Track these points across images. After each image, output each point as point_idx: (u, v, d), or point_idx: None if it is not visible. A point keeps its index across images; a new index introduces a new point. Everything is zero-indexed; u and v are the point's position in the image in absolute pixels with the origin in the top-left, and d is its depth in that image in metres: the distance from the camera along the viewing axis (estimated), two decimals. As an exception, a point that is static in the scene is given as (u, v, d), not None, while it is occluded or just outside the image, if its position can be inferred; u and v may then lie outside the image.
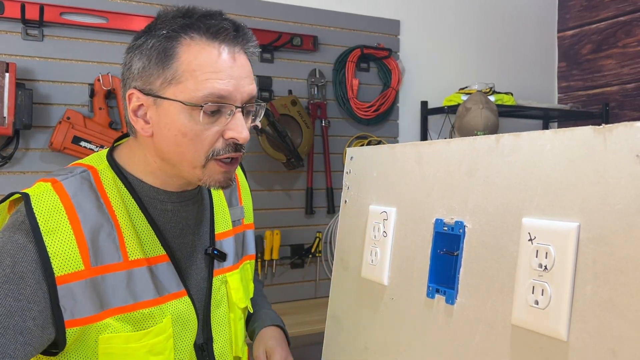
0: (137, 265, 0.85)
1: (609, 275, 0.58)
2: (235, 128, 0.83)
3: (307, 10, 2.24)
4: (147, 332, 0.84)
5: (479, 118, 2.08)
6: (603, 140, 0.61)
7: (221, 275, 0.98)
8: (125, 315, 0.82)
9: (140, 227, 0.88)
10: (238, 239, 1.06)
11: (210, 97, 0.81)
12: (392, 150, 0.96)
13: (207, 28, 0.82)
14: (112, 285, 0.82)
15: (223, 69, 0.82)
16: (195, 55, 0.81)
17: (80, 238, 0.80)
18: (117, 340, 0.82)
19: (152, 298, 0.85)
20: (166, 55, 0.81)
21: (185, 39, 0.82)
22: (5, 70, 1.65)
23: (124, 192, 0.88)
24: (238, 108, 0.83)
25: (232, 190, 1.08)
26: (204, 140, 0.83)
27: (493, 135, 0.76)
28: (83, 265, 0.79)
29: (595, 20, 2.75)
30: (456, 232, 0.79)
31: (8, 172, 1.76)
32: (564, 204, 0.64)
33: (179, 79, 0.81)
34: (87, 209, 0.82)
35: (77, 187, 0.84)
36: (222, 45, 0.83)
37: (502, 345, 0.70)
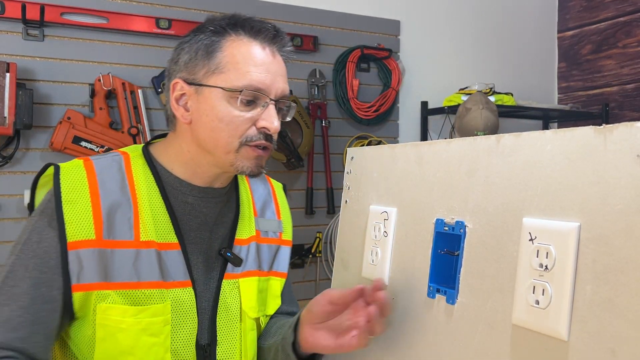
0: (146, 247, 0.89)
1: (609, 275, 0.59)
2: (268, 118, 0.90)
3: (307, 11, 2.24)
4: (144, 309, 0.87)
5: (479, 118, 2.08)
6: (603, 141, 0.61)
7: (233, 279, 0.98)
8: (126, 292, 0.87)
9: (158, 212, 0.93)
10: (269, 250, 1.06)
11: (249, 87, 0.88)
12: (392, 151, 0.96)
13: (250, 27, 0.92)
14: (120, 260, 0.87)
15: (263, 63, 0.90)
16: (239, 49, 0.90)
17: (97, 211, 0.87)
18: (114, 311, 0.86)
19: (155, 280, 0.89)
20: (212, 47, 0.90)
21: (230, 34, 0.91)
22: (5, 70, 1.65)
23: (149, 179, 0.94)
24: (272, 101, 0.91)
25: (266, 202, 1.10)
26: (239, 126, 0.90)
27: (493, 136, 0.76)
28: (94, 235, 0.86)
29: (595, 20, 2.75)
30: (457, 232, 0.79)
31: (8, 172, 1.76)
32: (565, 204, 0.64)
33: (222, 69, 0.89)
34: (110, 187, 0.90)
35: (105, 167, 0.92)
36: (263, 42, 0.92)
37: (503, 345, 0.70)
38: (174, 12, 1.99)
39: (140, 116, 1.90)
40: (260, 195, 1.10)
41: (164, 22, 1.96)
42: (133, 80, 1.91)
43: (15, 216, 1.76)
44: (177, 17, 1.99)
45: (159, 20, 1.95)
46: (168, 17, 1.97)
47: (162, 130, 1.99)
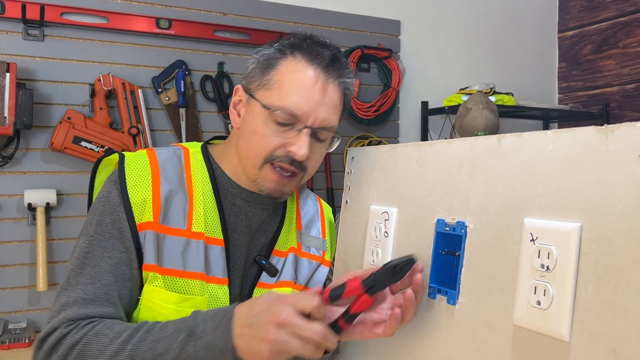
0: (196, 238, 0.92)
1: (611, 276, 0.58)
2: (296, 143, 0.90)
3: (308, 11, 2.24)
4: (187, 298, 0.89)
5: (480, 118, 2.08)
6: (605, 141, 0.61)
7: (266, 289, 0.99)
8: (171, 278, 0.89)
9: (209, 207, 0.95)
10: (309, 265, 1.06)
11: (285, 109, 0.89)
12: (393, 151, 0.96)
13: (309, 51, 0.92)
14: (170, 246, 0.90)
15: (306, 88, 0.90)
16: (290, 71, 0.91)
17: (156, 196, 0.91)
18: (159, 295, 0.88)
19: (199, 272, 0.91)
20: (269, 64, 0.93)
21: (289, 55, 0.93)
22: (6, 70, 1.65)
23: (205, 175, 0.98)
24: (307, 128, 0.90)
25: (313, 219, 1.11)
26: (268, 144, 0.91)
27: (494, 136, 0.76)
28: (152, 217, 0.90)
29: (595, 20, 2.75)
30: (458, 232, 0.79)
31: (9, 172, 1.76)
32: (566, 205, 0.64)
33: (270, 86, 0.92)
34: (170, 175, 0.94)
35: (167, 157, 0.97)
36: (317, 70, 0.91)
37: (504, 346, 0.70)
38: (174, 12, 1.99)
39: (140, 116, 1.90)
40: (308, 211, 1.11)
41: (164, 22, 1.95)
42: (133, 80, 1.91)
43: (15, 216, 1.76)
44: (177, 17, 1.98)
45: (159, 20, 1.95)
46: (168, 17, 1.96)
47: (162, 130, 1.99)
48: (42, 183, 1.79)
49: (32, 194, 1.75)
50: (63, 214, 1.82)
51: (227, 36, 2.07)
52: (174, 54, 1.99)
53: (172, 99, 1.97)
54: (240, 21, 2.11)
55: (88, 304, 0.85)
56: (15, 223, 1.76)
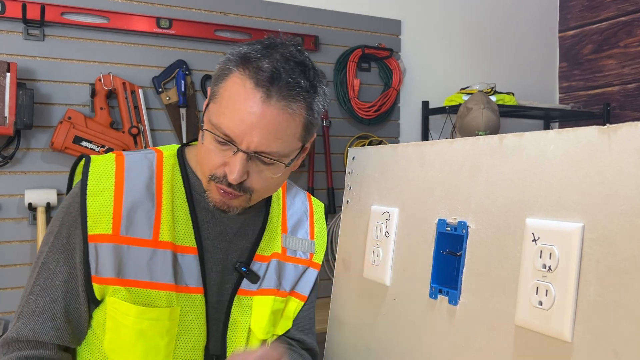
0: (163, 247, 0.89)
1: (613, 276, 0.58)
2: (230, 166, 0.84)
3: (308, 10, 2.23)
4: (147, 310, 0.87)
5: (480, 118, 2.08)
6: (607, 141, 0.60)
7: (247, 296, 0.96)
8: (136, 290, 0.87)
9: (180, 214, 0.92)
10: (294, 270, 1.02)
11: (218, 128, 0.83)
12: (394, 151, 0.95)
13: (254, 66, 0.82)
14: (136, 258, 0.87)
15: (241, 110, 0.82)
16: (232, 86, 0.84)
17: (117, 206, 0.88)
18: (119, 307, 0.87)
19: (167, 282, 0.89)
20: (222, 73, 0.86)
21: (237, 68, 0.84)
22: (6, 70, 1.65)
23: (177, 180, 0.94)
24: (239, 151, 0.83)
25: (300, 220, 1.06)
26: (210, 162, 0.87)
27: (496, 136, 0.75)
28: (111, 230, 0.87)
29: (596, 20, 2.75)
30: (459, 232, 0.79)
31: (9, 172, 1.76)
32: (568, 205, 0.64)
33: (216, 98, 0.86)
34: (136, 184, 0.90)
35: (136, 163, 0.92)
36: (257, 88, 0.81)
37: (505, 346, 0.69)
38: (174, 11, 1.99)
39: (140, 116, 1.90)
40: (295, 211, 1.06)
41: (164, 21, 1.95)
42: (134, 80, 1.91)
43: (15, 216, 1.76)
44: (178, 16, 1.98)
45: (159, 20, 1.94)
46: (169, 17, 1.96)
47: (162, 130, 1.98)
48: (42, 183, 1.79)
49: (33, 193, 1.75)
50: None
51: (227, 36, 2.07)
52: (174, 54, 1.98)
53: (173, 99, 1.97)
54: (240, 21, 2.10)
55: (36, 317, 0.86)
56: (15, 223, 1.76)
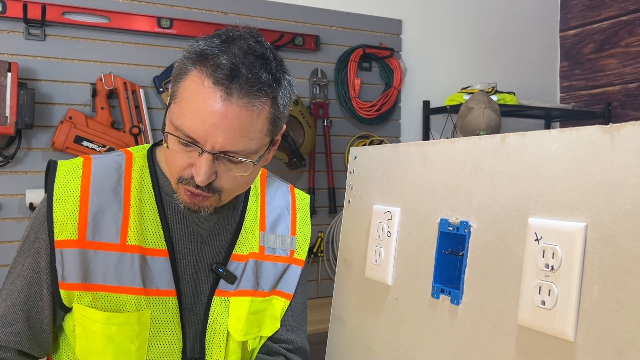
0: (130, 251, 0.88)
1: (616, 276, 0.58)
2: (196, 167, 0.81)
3: (309, 10, 2.23)
4: (113, 316, 0.86)
5: (481, 118, 2.08)
6: (610, 140, 0.60)
7: (225, 297, 0.94)
8: (103, 295, 0.86)
9: (149, 217, 0.90)
10: (274, 268, 0.99)
11: (180, 129, 0.80)
12: (396, 150, 0.95)
13: (212, 62, 0.78)
14: (103, 262, 0.86)
15: (201, 110, 0.78)
16: (190, 85, 0.79)
17: (83, 211, 0.86)
18: (87, 313, 0.86)
19: (135, 286, 0.87)
20: (180, 72, 0.82)
21: (195, 66, 0.79)
22: (7, 70, 1.65)
23: (146, 181, 0.92)
24: (204, 152, 0.80)
25: (280, 216, 1.02)
26: (176, 163, 0.84)
27: (498, 135, 0.75)
28: (77, 235, 0.86)
29: (597, 19, 2.74)
30: (461, 232, 0.79)
31: (10, 172, 1.76)
32: (571, 204, 0.64)
33: (175, 99, 0.82)
34: (102, 188, 0.88)
35: (103, 167, 0.90)
36: (216, 86, 0.77)
37: (508, 346, 0.69)
38: (175, 11, 1.99)
39: (141, 116, 1.90)
40: (274, 208, 1.02)
41: (165, 21, 1.95)
42: (134, 79, 1.91)
43: (16, 216, 1.76)
44: (179, 16, 1.98)
45: (160, 20, 1.95)
46: (170, 17, 1.96)
47: (163, 129, 1.98)
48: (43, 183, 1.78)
49: (34, 193, 1.75)
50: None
51: (228, 35, 2.07)
52: (175, 54, 1.98)
53: (174, 99, 1.96)
54: (241, 21, 2.10)
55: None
56: (16, 223, 1.76)
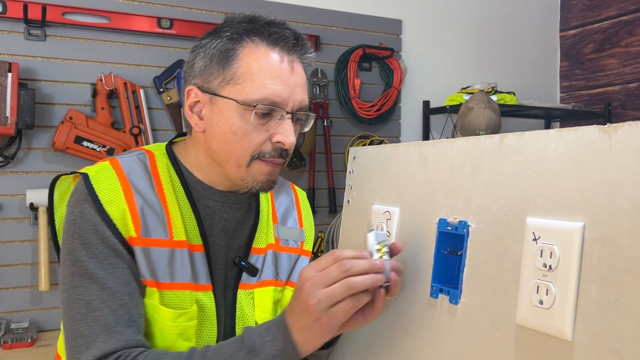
0: (179, 247, 0.88)
1: (614, 275, 0.58)
2: (283, 132, 0.86)
3: (309, 10, 2.23)
4: (181, 313, 0.86)
5: (481, 117, 2.08)
6: (608, 140, 0.60)
7: (249, 290, 0.96)
8: (163, 292, 0.86)
9: (186, 213, 0.91)
10: (289, 259, 1.02)
11: (264, 100, 0.84)
12: (395, 150, 0.95)
13: (269, 34, 0.87)
14: (159, 259, 0.86)
15: (280, 74, 0.85)
16: (255, 59, 0.85)
17: (132, 209, 0.85)
18: (157, 311, 0.85)
19: (187, 282, 0.88)
20: (227, 56, 0.86)
21: (247, 42, 0.86)
22: (7, 70, 1.65)
23: (174, 179, 0.93)
24: (288, 114, 0.87)
25: (288, 210, 1.06)
26: (252, 141, 0.86)
27: (497, 135, 0.75)
28: (135, 233, 0.85)
29: (597, 19, 2.74)
30: (460, 231, 0.79)
31: (10, 172, 1.76)
32: (569, 204, 0.64)
33: (237, 80, 0.85)
34: (140, 186, 0.88)
35: (133, 166, 0.90)
36: (281, 52, 0.86)
37: (507, 345, 0.69)
38: (175, 11, 1.99)
39: (142, 116, 1.90)
40: (282, 202, 1.07)
41: (165, 21, 1.95)
42: (135, 80, 1.91)
43: (17, 216, 1.76)
44: (179, 16, 1.98)
45: (160, 20, 1.95)
46: (170, 17, 1.96)
47: (163, 130, 1.98)
48: (44, 183, 1.79)
49: (34, 193, 1.75)
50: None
51: (228, 36, 2.07)
52: (175, 54, 1.99)
53: (174, 99, 1.97)
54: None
55: (112, 330, 0.80)
56: (17, 223, 1.76)
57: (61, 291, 0.84)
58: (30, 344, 1.59)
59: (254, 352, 0.77)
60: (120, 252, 0.84)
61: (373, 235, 0.79)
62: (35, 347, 1.60)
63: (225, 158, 0.89)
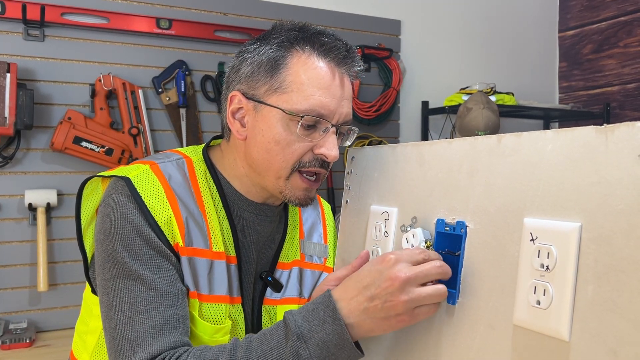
0: (218, 258, 0.86)
1: (611, 276, 0.58)
2: (327, 145, 0.85)
3: (308, 10, 2.24)
4: (219, 328, 0.84)
5: (480, 118, 2.08)
6: (604, 140, 0.61)
7: (272, 305, 0.94)
8: (202, 304, 0.83)
9: (223, 223, 0.89)
10: (312, 276, 1.00)
11: (311, 112, 0.82)
12: (393, 151, 0.96)
13: (320, 44, 0.84)
14: (200, 270, 0.84)
15: (329, 86, 0.84)
16: (305, 68, 0.83)
17: (178, 217, 0.83)
18: (196, 324, 0.83)
19: (224, 294, 0.85)
20: (276, 63, 0.84)
21: (297, 50, 0.84)
22: (6, 71, 1.65)
23: (212, 187, 0.90)
24: (333, 127, 0.85)
25: (314, 224, 1.05)
26: (295, 151, 0.84)
27: (494, 136, 0.75)
28: (181, 241, 0.82)
29: (596, 20, 2.75)
30: (458, 232, 0.79)
31: (9, 172, 1.76)
32: (566, 204, 0.64)
33: (285, 88, 0.83)
34: (181, 192, 0.85)
35: (173, 172, 0.87)
36: (332, 63, 0.85)
37: (504, 346, 0.70)
38: (174, 12, 1.99)
39: (140, 116, 1.90)
40: (309, 216, 1.05)
41: (164, 22, 1.96)
42: (133, 80, 1.91)
43: (16, 216, 1.76)
44: (178, 17, 1.99)
45: (159, 20, 1.95)
46: (168, 17, 1.96)
47: (162, 130, 1.99)
48: (42, 183, 1.79)
49: (33, 194, 1.75)
50: (63, 214, 1.82)
51: (227, 36, 2.07)
52: (174, 54, 1.99)
53: (173, 99, 1.97)
54: (240, 21, 2.11)
55: (159, 333, 0.76)
56: (15, 223, 1.76)
57: (101, 294, 0.81)
58: (29, 345, 1.59)
59: (303, 338, 0.72)
60: (165, 253, 0.81)
61: (421, 232, 0.80)
62: (34, 347, 1.60)
63: (265, 168, 0.87)
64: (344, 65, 0.87)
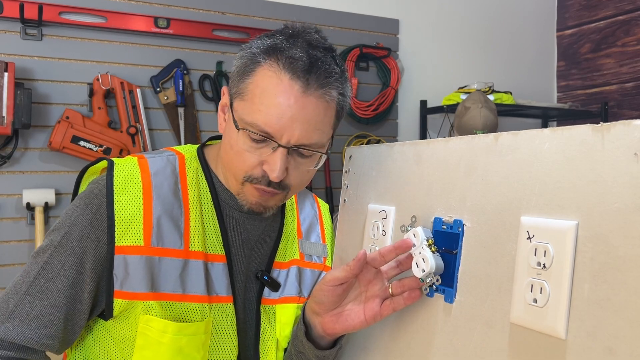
0: (194, 257, 0.85)
1: (607, 274, 0.59)
2: (270, 163, 0.81)
3: (306, 9, 2.24)
4: (185, 326, 0.82)
5: (478, 117, 2.08)
6: (601, 139, 0.61)
7: (270, 305, 0.94)
8: (169, 303, 0.82)
9: (209, 221, 0.89)
10: (312, 275, 1.00)
11: (253, 126, 0.80)
12: (391, 150, 0.96)
13: (286, 56, 0.80)
14: (167, 270, 0.83)
15: (277, 104, 0.79)
16: (265, 80, 0.80)
17: (147, 215, 0.82)
18: (156, 324, 0.81)
19: (200, 294, 0.85)
20: (246, 69, 0.83)
21: (265, 60, 0.81)
22: (4, 70, 1.65)
23: (202, 184, 0.90)
24: (281, 147, 0.80)
25: (312, 224, 1.04)
26: (244, 162, 0.83)
27: (491, 134, 0.76)
28: (143, 241, 0.81)
29: (594, 19, 2.75)
30: (455, 230, 0.79)
31: (7, 172, 1.76)
32: (562, 203, 0.64)
33: (244, 96, 0.82)
34: (163, 190, 0.85)
35: (160, 167, 0.87)
36: (292, 79, 0.79)
37: (501, 344, 0.70)
38: (172, 11, 1.99)
39: (138, 115, 1.90)
40: (307, 215, 1.05)
41: (162, 21, 1.95)
42: (131, 79, 1.91)
43: (13, 216, 1.76)
44: (176, 16, 1.99)
45: (157, 20, 1.95)
46: (166, 17, 1.96)
47: (160, 129, 1.98)
48: (40, 183, 1.79)
49: (31, 193, 1.75)
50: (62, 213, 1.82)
51: (225, 35, 2.07)
52: (172, 53, 1.99)
53: (171, 98, 1.97)
54: (238, 20, 2.11)
55: (30, 321, 0.78)
56: (13, 223, 1.76)
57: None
58: (27, 344, 1.59)
59: None
60: (87, 253, 0.81)
61: (422, 231, 0.81)
62: (32, 346, 1.60)
63: (227, 167, 0.88)
64: (308, 84, 0.79)
